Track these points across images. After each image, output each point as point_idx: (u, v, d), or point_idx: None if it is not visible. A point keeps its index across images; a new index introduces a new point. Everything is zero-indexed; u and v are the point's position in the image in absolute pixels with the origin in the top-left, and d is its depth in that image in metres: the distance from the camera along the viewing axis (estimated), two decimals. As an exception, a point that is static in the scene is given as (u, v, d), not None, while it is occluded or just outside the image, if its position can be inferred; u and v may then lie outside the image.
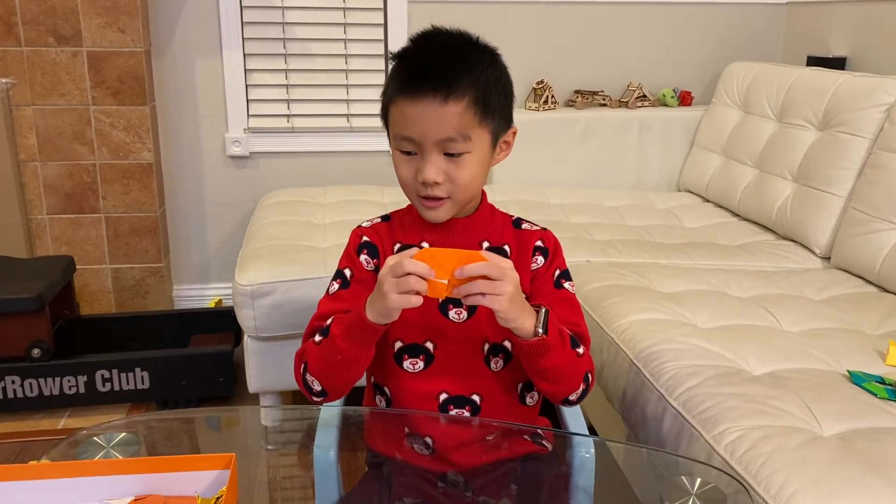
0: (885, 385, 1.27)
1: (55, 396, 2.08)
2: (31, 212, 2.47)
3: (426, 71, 0.99)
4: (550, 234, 1.15)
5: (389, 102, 1.04)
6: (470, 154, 1.02)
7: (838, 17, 2.51)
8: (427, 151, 1.01)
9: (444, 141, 1.00)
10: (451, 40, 1.04)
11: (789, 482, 1.02)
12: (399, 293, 0.92)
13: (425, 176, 1.01)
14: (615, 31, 2.74)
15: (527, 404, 1.15)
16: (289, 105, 2.65)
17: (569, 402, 1.08)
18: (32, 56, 2.34)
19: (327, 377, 1.05)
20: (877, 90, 1.94)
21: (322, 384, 1.05)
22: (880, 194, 1.83)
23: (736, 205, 2.36)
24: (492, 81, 1.03)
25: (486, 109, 1.02)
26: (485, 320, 1.08)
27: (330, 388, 1.06)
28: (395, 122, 1.03)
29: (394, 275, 0.92)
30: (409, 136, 1.01)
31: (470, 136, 1.01)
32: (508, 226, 1.15)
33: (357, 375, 1.05)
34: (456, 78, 0.99)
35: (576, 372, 1.05)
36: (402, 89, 1.00)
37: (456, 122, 1.00)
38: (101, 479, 0.90)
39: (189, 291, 2.76)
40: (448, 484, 1.08)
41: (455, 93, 0.99)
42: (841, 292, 1.76)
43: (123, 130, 2.44)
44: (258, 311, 1.83)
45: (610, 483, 1.11)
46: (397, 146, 1.04)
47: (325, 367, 1.04)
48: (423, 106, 0.99)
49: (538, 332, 0.98)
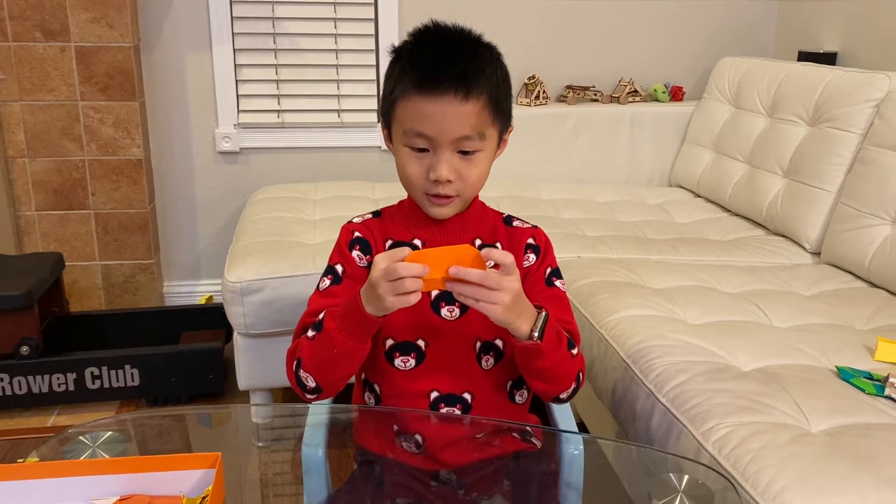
0: (873, 381, 1.27)
1: (44, 394, 2.07)
2: (20, 208, 2.46)
3: (445, 68, 0.98)
4: (541, 231, 1.15)
5: (399, 98, 1.02)
6: (482, 152, 1.03)
7: (829, 13, 2.51)
8: (441, 149, 1.00)
9: (461, 139, 1.00)
10: (460, 36, 1.04)
11: (777, 479, 1.02)
12: (395, 295, 0.92)
13: (439, 174, 1.00)
14: (607, 26, 2.74)
15: (516, 402, 1.15)
16: (279, 100, 2.63)
17: (559, 400, 1.09)
18: (20, 51, 2.32)
19: (322, 373, 1.03)
20: (867, 85, 1.94)
21: (317, 380, 1.04)
22: (870, 189, 1.84)
23: (727, 200, 2.36)
24: (501, 80, 1.04)
25: (498, 109, 1.03)
26: (477, 318, 1.08)
27: (325, 384, 1.05)
28: (407, 119, 1.01)
29: (388, 279, 0.91)
30: (425, 132, 1.00)
31: (485, 135, 1.02)
32: (500, 223, 1.15)
33: (353, 370, 1.04)
34: (475, 76, 0.99)
35: (569, 372, 1.05)
36: (418, 86, 0.99)
37: (473, 120, 1.00)
38: (85, 479, 0.89)
39: (179, 288, 2.75)
40: (439, 483, 1.08)
41: (474, 91, 0.99)
42: (831, 288, 1.76)
43: (112, 126, 2.43)
44: (248, 308, 1.82)
45: (599, 480, 1.11)
46: (407, 143, 1.02)
47: (320, 362, 1.03)
48: (443, 104, 0.98)
49: (533, 337, 0.98)
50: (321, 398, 1.08)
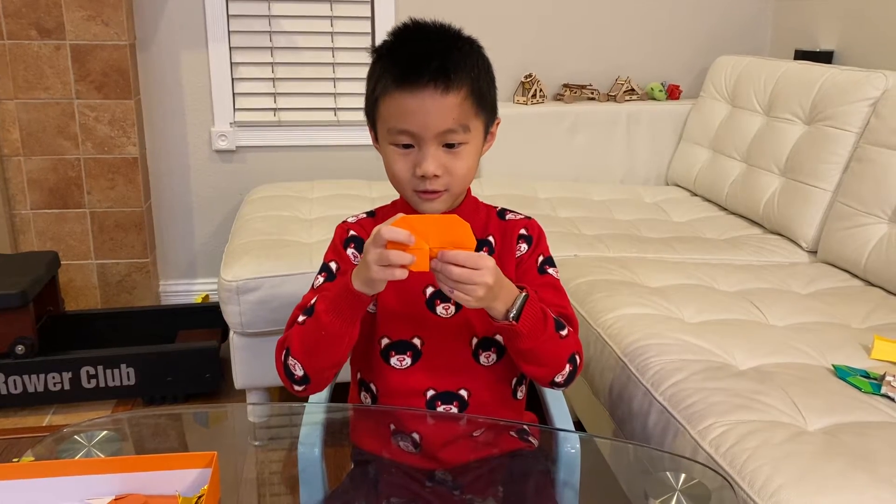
0: (869, 379, 1.27)
1: (40, 393, 2.06)
2: (15, 207, 2.45)
3: (423, 62, 0.98)
4: (534, 222, 1.15)
5: (381, 96, 1.02)
6: (468, 145, 1.03)
7: (825, 11, 2.52)
8: (426, 144, 1.00)
9: (445, 133, 1.00)
10: (439, 31, 1.04)
11: (774, 477, 1.02)
12: (380, 265, 0.90)
13: (425, 169, 1.00)
14: (603, 24, 2.74)
15: (517, 398, 1.15)
16: (275, 99, 2.63)
17: (556, 384, 1.06)
18: (15, 49, 2.31)
19: (310, 358, 1.02)
20: (863, 84, 1.94)
21: (304, 367, 1.02)
22: (866, 188, 1.84)
23: (723, 198, 2.36)
24: (482, 72, 1.04)
25: (481, 100, 1.03)
26: (473, 315, 1.08)
27: (312, 373, 1.03)
28: (390, 117, 1.01)
29: (375, 245, 0.91)
30: (408, 129, 1.00)
31: (469, 127, 1.02)
32: (493, 217, 1.15)
33: (341, 357, 1.03)
34: (454, 68, 0.99)
35: (557, 354, 1.03)
36: (398, 82, 0.99)
37: (456, 112, 1.00)
38: (81, 479, 0.89)
39: (175, 287, 2.74)
40: (435, 482, 1.08)
41: (454, 83, 0.99)
42: (827, 286, 1.76)
43: (108, 124, 2.42)
44: (244, 307, 1.82)
45: (596, 478, 1.11)
46: (392, 140, 1.02)
47: (308, 346, 1.01)
48: (423, 98, 0.98)
49: (508, 318, 0.97)
50: (309, 391, 1.06)
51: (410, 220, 0.91)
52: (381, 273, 0.91)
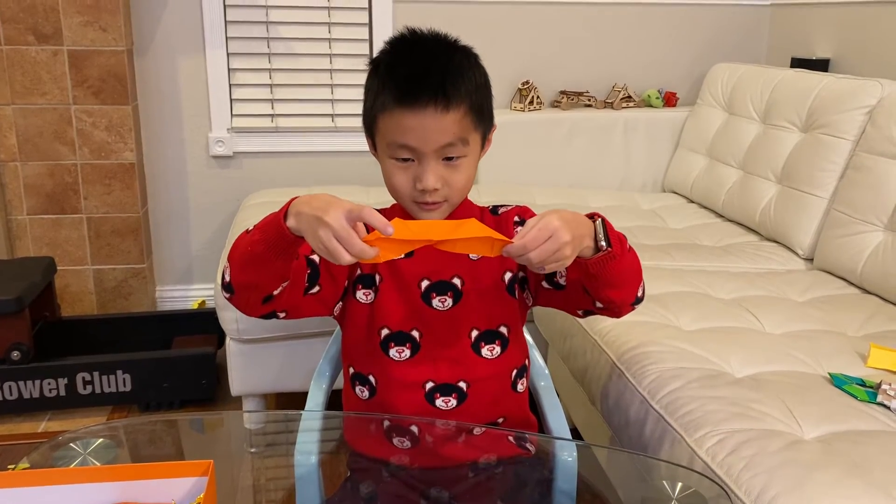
0: (865, 387, 1.27)
1: (35, 399, 2.05)
2: (12, 212, 2.45)
3: (423, 82, 0.99)
4: (526, 207, 1.17)
5: (380, 113, 1.03)
6: (467, 157, 1.04)
7: (822, 20, 2.53)
8: (426, 158, 1.01)
9: (444, 147, 1.01)
10: (437, 46, 1.04)
11: (770, 486, 1.02)
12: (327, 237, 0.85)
13: (426, 184, 1.01)
14: (600, 32, 2.74)
15: (517, 391, 1.15)
16: (273, 105, 2.63)
17: (638, 301, 1.06)
18: (12, 55, 2.31)
19: (237, 267, 0.99)
20: (859, 92, 1.95)
21: (231, 275, 0.99)
22: (862, 196, 1.84)
23: (720, 206, 2.37)
24: (480, 85, 1.05)
25: (479, 114, 1.04)
26: (472, 307, 1.09)
27: (235, 284, 1.00)
28: (389, 132, 1.02)
29: (350, 216, 0.86)
30: (408, 144, 1.01)
31: (468, 140, 1.03)
32: (487, 215, 1.16)
33: (262, 286, 0.99)
34: (453, 86, 1.00)
35: (636, 266, 1.04)
36: (399, 101, 1.00)
37: (456, 129, 1.01)
38: (76, 487, 0.88)
39: (172, 293, 2.74)
40: (431, 501, 1.08)
41: (453, 101, 1.00)
42: (823, 294, 1.76)
43: (105, 130, 2.42)
44: (240, 314, 1.81)
45: (593, 487, 1.11)
46: (391, 154, 1.03)
47: (238, 254, 0.98)
48: (424, 116, 0.99)
49: (601, 247, 0.96)
50: (234, 302, 1.03)
51: (408, 225, 0.91)
52: (319, 240, 0.87)
